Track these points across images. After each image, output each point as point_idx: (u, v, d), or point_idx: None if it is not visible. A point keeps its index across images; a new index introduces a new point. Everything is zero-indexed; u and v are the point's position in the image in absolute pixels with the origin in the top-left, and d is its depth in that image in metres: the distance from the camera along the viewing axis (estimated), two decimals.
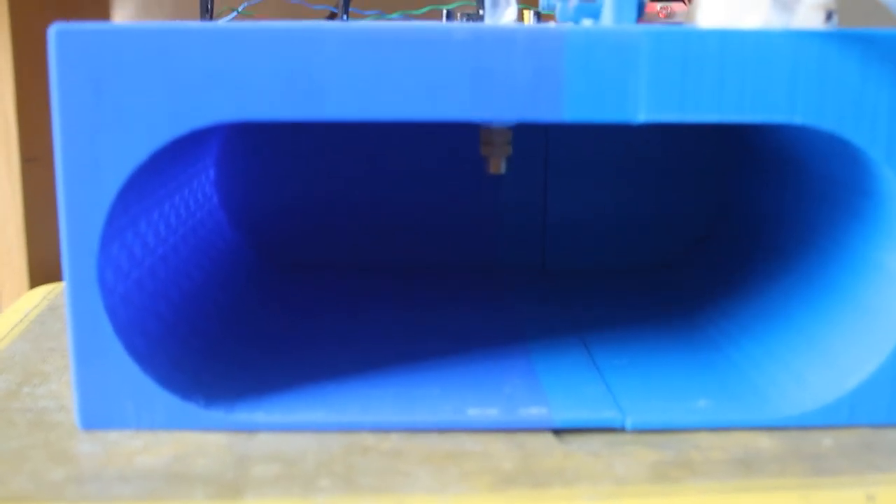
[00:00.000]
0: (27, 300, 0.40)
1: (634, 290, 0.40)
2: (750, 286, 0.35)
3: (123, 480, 0.23)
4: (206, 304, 0.33)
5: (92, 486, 0.23)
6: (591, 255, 0.43)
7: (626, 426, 0.26)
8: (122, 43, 0.24)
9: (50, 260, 0.53)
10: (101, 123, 0.24)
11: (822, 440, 0.26)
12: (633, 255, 0.43)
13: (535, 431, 0.26)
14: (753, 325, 0.32)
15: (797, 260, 0.33)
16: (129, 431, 0.26)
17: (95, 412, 0.26)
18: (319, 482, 0.23)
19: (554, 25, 0.26)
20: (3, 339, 0.34)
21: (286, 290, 0.39)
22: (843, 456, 0.25)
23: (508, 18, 0.30)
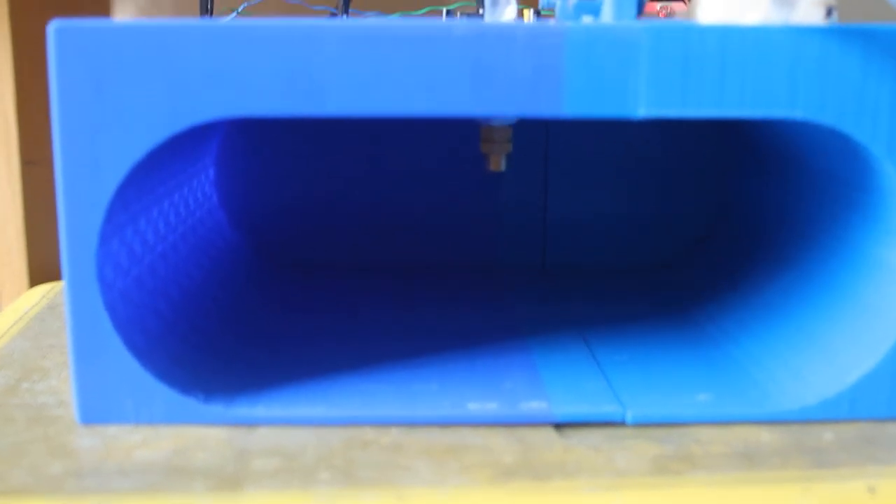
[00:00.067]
0: (26, 299, 0.39)
1: (635, 289, 0.40)
2: (750, 284, 0.35)
3: (122, 474, 0.23)
4: (205, 302, 0.33)
5: (91, 479, 0.23)
6: (591, 254, 0.43)
7: (626, 420, 0.26)
8: (121, 39, 0.24)
9: (49, 262, 0.53)
10: (100, 119, 0.24)
11: (822, 434, 0.26)
12: (633, 254, 0.43)
13: (535, 426, 0.26)
14: (753, 322, 0.32)
15: (797, 257, 0.33)
16: (128, 426, 0.26)
17: (94, 406, 0.26)
18: (319, 475, 0.23)
19: (554, 22, 0.26)
20: (2, 336, 0.34)
21: (286, 289, 0.39)
22: (843, 449, 0.25)
23: (508, 17, 0.31)
